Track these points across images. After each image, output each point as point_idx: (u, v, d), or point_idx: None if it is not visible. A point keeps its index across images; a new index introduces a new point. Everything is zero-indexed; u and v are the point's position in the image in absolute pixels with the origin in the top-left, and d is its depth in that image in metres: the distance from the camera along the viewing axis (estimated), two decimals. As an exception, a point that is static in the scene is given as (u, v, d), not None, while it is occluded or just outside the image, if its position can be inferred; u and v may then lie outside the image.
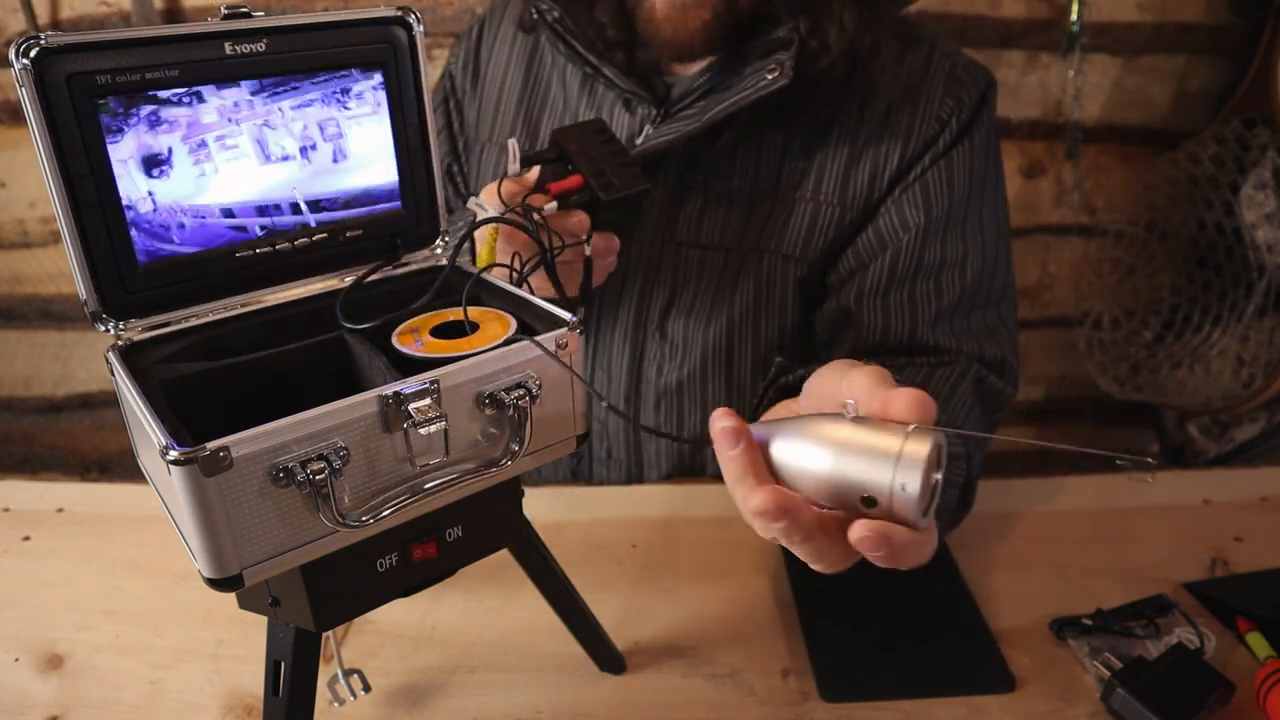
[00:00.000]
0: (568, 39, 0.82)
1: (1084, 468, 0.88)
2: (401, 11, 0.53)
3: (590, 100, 0.88)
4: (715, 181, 0.84)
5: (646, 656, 0.68)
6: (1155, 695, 0.60)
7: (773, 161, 0.83)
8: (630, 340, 0.89)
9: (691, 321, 0.87)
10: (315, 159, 0.52)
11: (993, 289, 0.83)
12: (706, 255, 0.85)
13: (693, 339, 0.87)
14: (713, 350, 0.88)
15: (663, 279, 0.87)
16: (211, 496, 0.40)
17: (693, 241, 0.85)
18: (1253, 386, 1.37)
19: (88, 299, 0.47)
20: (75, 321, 1.73)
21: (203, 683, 0.67)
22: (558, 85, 0.90)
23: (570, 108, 0.89)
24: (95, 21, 1.48)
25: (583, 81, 0.88)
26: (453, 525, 0.52)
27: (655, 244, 0.86)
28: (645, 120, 0.84)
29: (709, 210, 0.84)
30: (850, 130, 0.82)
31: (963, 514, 0.75)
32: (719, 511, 0.85)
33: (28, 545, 0.83)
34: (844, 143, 0.82)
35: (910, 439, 0.39)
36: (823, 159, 0.83)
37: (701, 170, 0.84)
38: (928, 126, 0.81)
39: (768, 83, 0.75)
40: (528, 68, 0.91)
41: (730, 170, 0.84)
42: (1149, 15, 1.46)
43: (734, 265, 0.85)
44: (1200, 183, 1.39)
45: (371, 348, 0.50)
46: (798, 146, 0.83)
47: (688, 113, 0.81)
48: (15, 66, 0.42)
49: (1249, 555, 0.78)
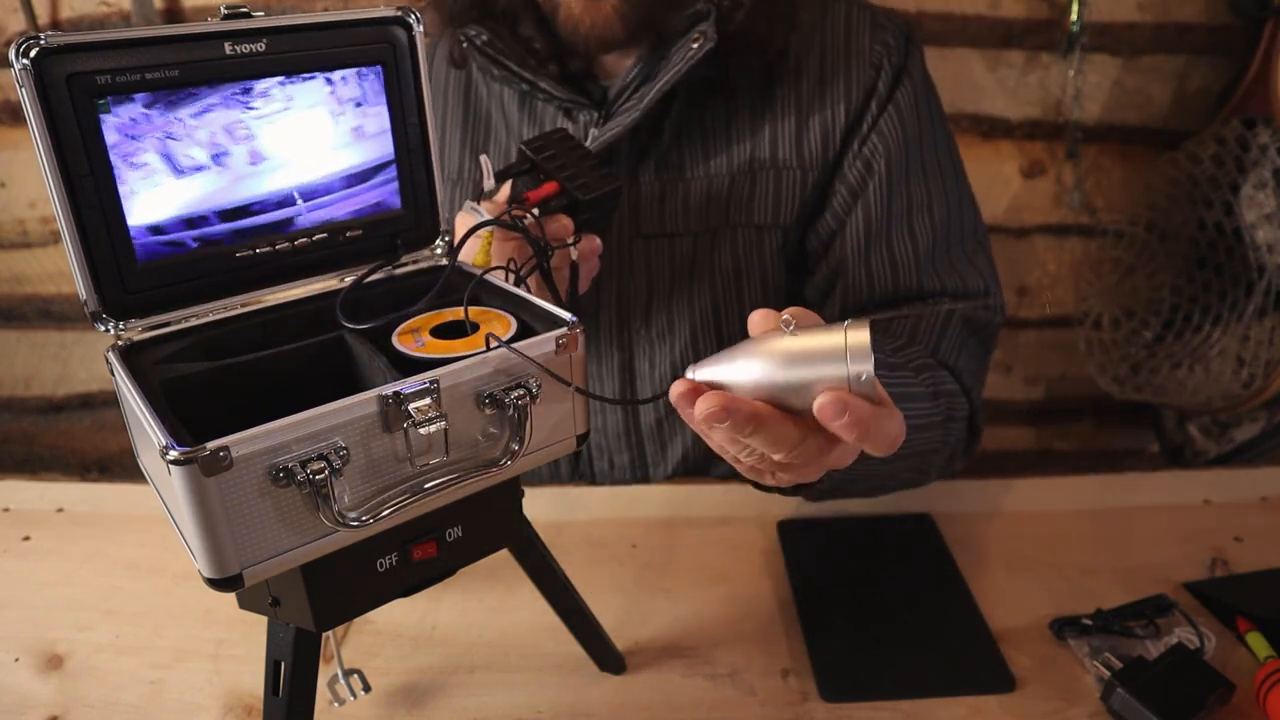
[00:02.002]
0: (500, 59, 0.82)
1: (1084, 468, 0.88)
2: (401, 11, 0.53)
3: (531, 118, 0.88)
4: (668, 169, 0.85)
5: (646, 656, 0.68)
6: (1155, 695, 0.60)
7: (720, 140, 0.85)
8: (617, 341, 0.90)
9: (674, 309, 0.88)
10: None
11: (964, 224, 0.85)
12: (676, 243, 0.86)
13: (679, 326, 0.88)
14: (701, 332, 0.89)
15: (637, 275, 0.87)
16: (211, 496, 0.40)
17: (658, 232, 0.86)
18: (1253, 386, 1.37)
19: (88, 299, 0.47)
20: (75, 321, 1.73)
21: (203, 683, 0.67)
22: (497, 114, 0.90)
23: (513, 132, 0.89)
24: (95, 21, 1.48)
25: (521, 102, 0.88)
26: (453, 525, 0.52)
27: (624, 242, 0.86)
28: (589, 124, 0.85)
29: (668, 198, 0.85)
30: (790, 95, 0.84)
31: (974, 444, 0.82)
32: (719, 511, 0.85)
33: (28, 545, 0.83)
34: (788, 108, 0.84)
35: (850, 331, 0.42)
36: (771, 128, 0.84)
37: (652, 159, 0.85)
38: (864, 74, 0.83)
39: (694, 51, 0.77)
40: (465, 106, 0.92)
41: (680, 155, 0.85)
42: (1149, 15, 1.46)
43: (705, 246, 0.86)
44: (1200, 183, 1.39)
45: (371, 348, 0.50)
46: (743, 120, 0.84)
47: (626, 105, 0.82)
48: (15, 66, 0.42)
49: (1249, 555, 0.78)
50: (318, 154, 0.52)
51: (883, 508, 0.84)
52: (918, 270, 0.83)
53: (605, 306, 0.88)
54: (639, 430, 0.94)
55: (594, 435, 0.95)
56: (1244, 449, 1.54)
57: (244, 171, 0.50)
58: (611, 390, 0.92)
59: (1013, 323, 1.67)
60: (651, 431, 0.94)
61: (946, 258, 0.84)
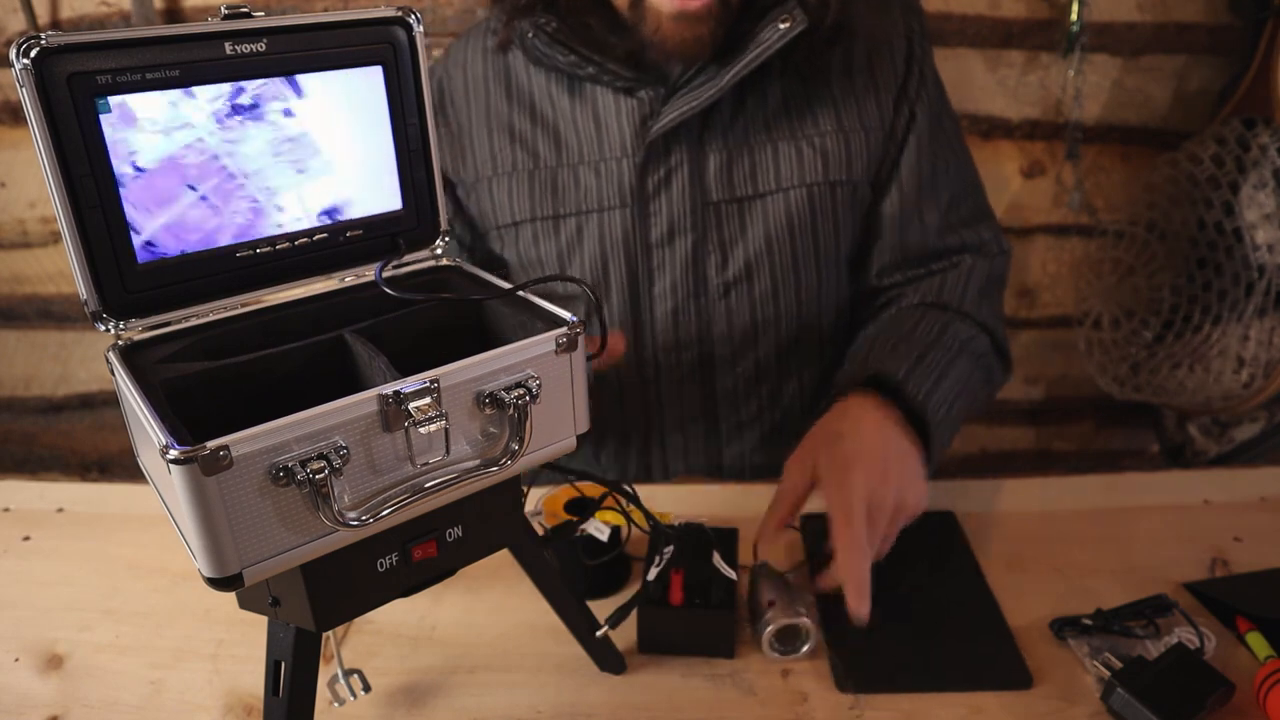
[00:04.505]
0: (569, 44, 0.85)
1: (1084, 468, 0.88)
2: (401, 11, 0.53)
3: (582, 103, 0.90)
4: (733, 137, 0.88)
5: (646, 656, 0.68)
6: (1155, 695, 0.60)
7: (778, 107, 0.89)
8: (694, 307, 0.93)
9: (753, 263, 0.92)
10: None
11: (966, 181, 0.96)
12: (745, 205, 0.90)
13: (757, 277, 0.92)
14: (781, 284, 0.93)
15: (709, 240, 0.91)
16: (211, 496, 0.40)
17: (728, 197, 0.89)
18: (1253, 386, 1.37)
19: (88, 299, 0.47)
20: (75, 321, 1.72)
21: (203, 683, 0.67)
22: (543, 100, 0.92)
23: (564, 116, 0.91)
24: (95, 21, 1.48)
25: (570, 88, 0.90)
26: (453, 525, 0.52)
27: (696, 209, 0.89)
28: (653, 101, 0.87)
29: (735, 165, 0.89)
30: (846, 65, 0.89)
31: (1008, 368, 0.95)
32: (720, 511, 0.85)
33: (28, 545, 0.83)
34: (846, 78, 0.89)
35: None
36: (833, 96, 0.89)
37: (718, 129, 0.88)
38: (900, 45, 0.91)
39: (783, 32, 0.81)
40: (507, 93, 0.93)
41: (746, 123, 0.88)
42: (1149, 15, 1.46)
43: (778, 205, 0.90)
44: (1200, 183, 1.39)
45: (371, 348, 0.50)
46: (797, 90, 0.89)
47: (698, 80, 0.85)
48: (15, 66, 0.42)
49: (1249, 555, 0.78)
50: (319, 154, 0.52)
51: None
52: (944, 230, 0.93)
53: (681, 274, 0.91)
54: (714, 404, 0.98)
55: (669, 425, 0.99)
56: (1244, 449, 1.54)
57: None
58: (692, 355, 0.95)
59: (1013, 323, 1.67)
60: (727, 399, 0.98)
61: (960, 214, 0.94)
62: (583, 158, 0.90)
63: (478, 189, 0.95)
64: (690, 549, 0.70)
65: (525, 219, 0.93)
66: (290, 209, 0.52)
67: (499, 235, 0.96)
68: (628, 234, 0.90)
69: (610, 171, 0.89)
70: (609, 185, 0.90)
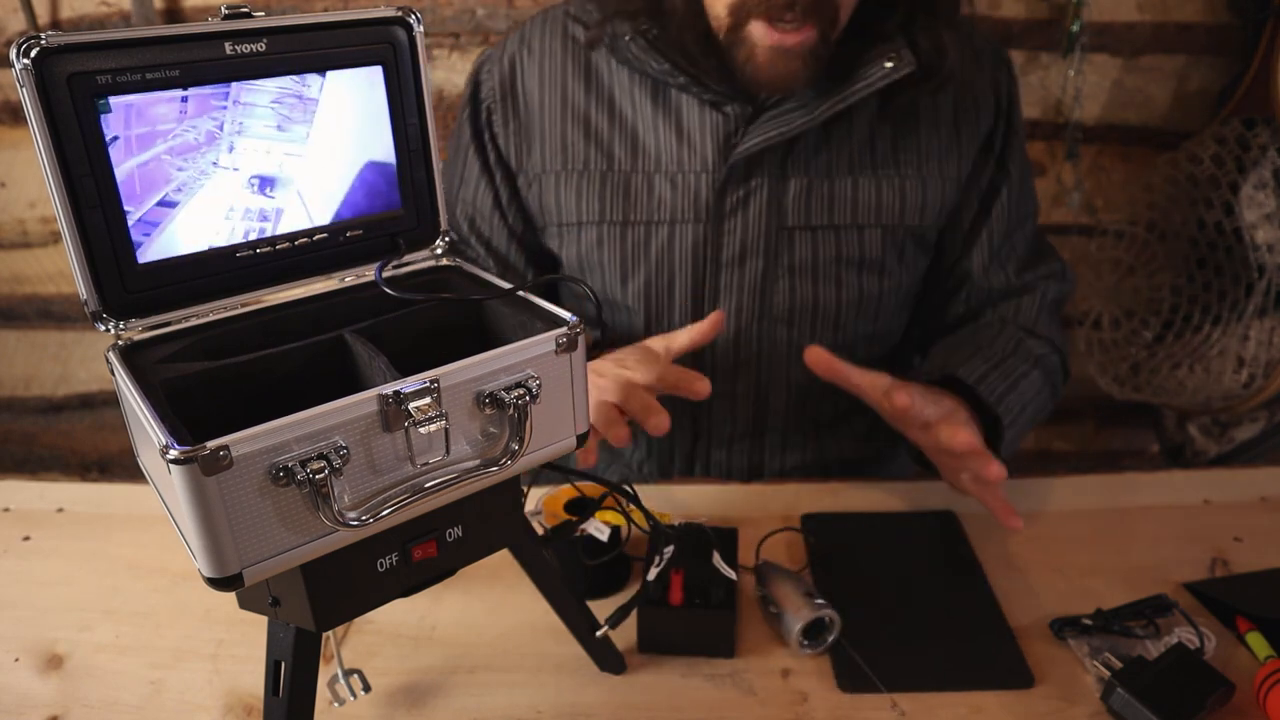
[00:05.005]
0: (667, 53, 0.84)
1: (1084, 468, 0.89)
2: (401, 11, 0.53)
3: (665, 110, 0.89)
4: (815, 168, 0.88)
5: (646, 656, 0.68)
6: (1155, 695, 0.60)
7: (863, 142, 0.89)
8: (756, 328, 0.93)
9: (819, 297, 0.92)
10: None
11: (1035, 219, 1.00)
12: (819, 235, 0.90)
13: (822, 312, 0.93)
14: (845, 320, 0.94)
15: (780, 265, 0.91)
16: (211, 496, 0.40)
17: (803, 224, 0.89)
18: (1253, 386, 1.37)
19: (88, 299, 0.47)
20: (75, 321, 1.73)
21: (203, 683, 0.67)
22: (625, 101, 0.90)
23: (644, 120, 0.89)
24: (95, 21, 1.48)
25: (654, 93, 0.89)
26: (453, 525, 0.52)
27: (770, 234, 0.89)
28: (739, 119, 0.86)
29: (814, 194, 0.89)
30: (931, 110, 0.90)
31: (1067, 376, 1.00)
32: (720, 511, 0.85)
33: (28, 545, 0.83)
34: (931, 123, 0.90)
35: None
36: (916, 141, 0.90)
37: (802, 157, 0.88)
38: (988, 99, 0.92)
39: (888, 71, 0.82)
40: (586, 86, 0.91)
41: (830, 156, 0.88)
42: (1149, 15, 1.46)
43: (851, 240, 0.90)
44: (1200, 183, 1.39)
45: (371, 348, 0.50)
46: (884, 128, 0.89)
47: (787, 105, 0.85)
48: (16, 66, 0.42)
49: (1249, 555, 0.78)
50: (318, 153, 0.52)
51: (905, 505, 0.84)
52: (1023, 269, 0.97)
53: (747, 295, 0.91)
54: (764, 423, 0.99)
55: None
56: (1244, 449, 1.54)
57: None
58: (749, 377, 0.95)
59: (1013, 323, 1.67)
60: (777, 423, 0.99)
61: (1035, 251, 0.99)
62: (660, 166, 0.89)
63: (542, 181, 0.93)
64: (690, 549, 0.70)
65: (592, 220, 0.91)
66: (290, 209, 0.52)
67: (559, 232, 0.94)
68: (698, 250, 0.90)
69: (688, 185, 0.88)
70: (685, 198, 0.88)
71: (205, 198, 0.49)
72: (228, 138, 0.49)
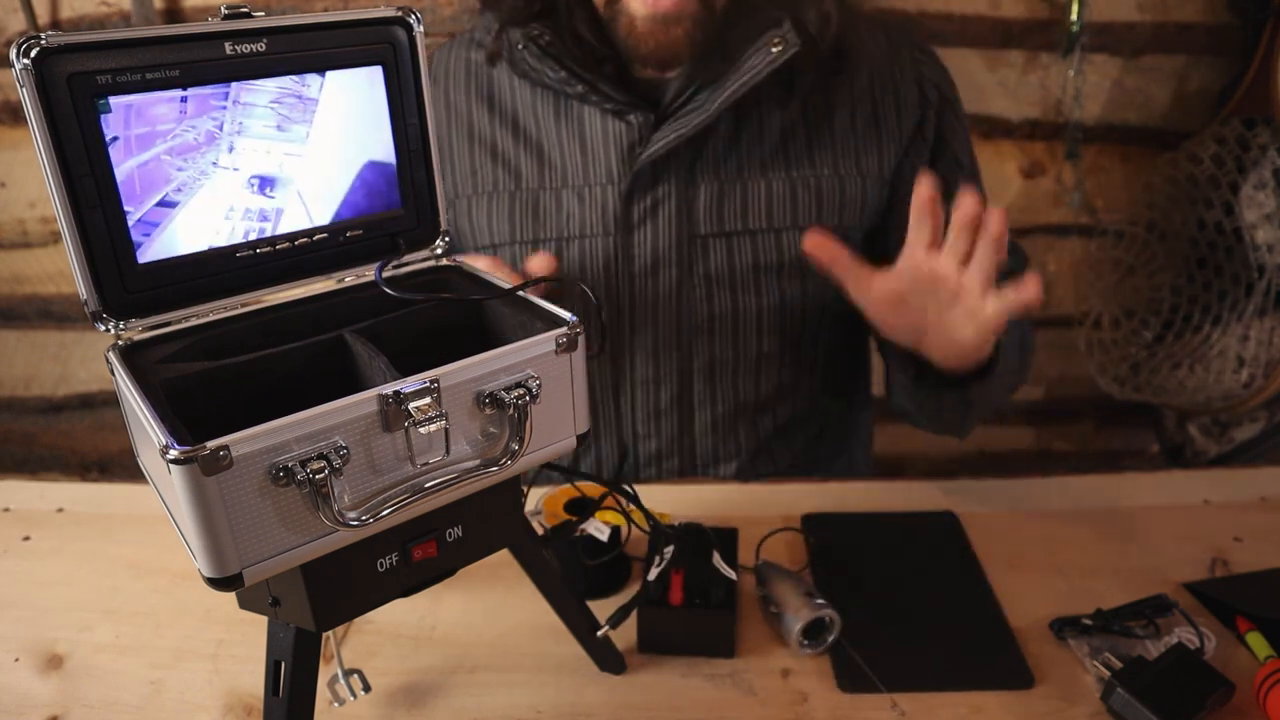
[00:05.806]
0: (562, 60, 0.83)
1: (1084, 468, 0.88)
2: (401, 11, 0.53)
3: (569, 123, 0.87)
4: (725, 171, 0.86)
5: (646, 656, 0.68)
6: (1155, 695, 0.60)
7: (775, 143, 0.86)
8: (675, 341, 0.90)
9: (738, 306, 0.89)
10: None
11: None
12: (735, 241, 0.87)
13: (743, 321, 0.90)
14: (767, 328, 0.91)
15: (695, 274, 0.88)
16: (211, 496, 0.40)
17: (717, 232, 0.87)
18: (1253, 386, 1.37)
19: (88, 299, 0.47)
20: (75, 321, 1.72)
21: (203, 683, 0.67)
22: (527, 116, 0.90)
23: (546, 133, 0.88)
24: (95, 21, 1.48)
25: (557, 107, 0.88)
26: (453, 525, 0.52)
27: (681, 242, 0.87)
28: (643, 126, 0.85)
29: (727, 199, 0.86)
30: (845, 104, 0.87)
31: (1030, 363, 0.90)
32: (721, 511, 0.85)
33: (28, 545, 0.83)
34: (844, 117, 0.87)
35: None
36: (830, 136, 0.86)
37: (709, 160, 0.86)
38: (912, 92, 0.88)
39: (775, 55, 0.79)
40: (490, 109, 0.91)
41: (739, 157, 0.86)
42: (1149, 15, 1.46)
43: (768, 245, 0.88)
44: (1200, 183, 1.39)
45: (371, 348, 0.50)
46: (796, 126, 0.86)
47: (688, 108, 0.83)
48: (16, 66, 0.42)
49: (1249, 555, 0.78)
50: (318, 153, 0.52)
51: (905, 505, 0.84)
52: None
53: (663, 306, 0.89)
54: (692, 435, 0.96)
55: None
56: (1244, 449, 1.54)
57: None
58: (670, 390, 0.92)
59: (1013, 323, 1.67)
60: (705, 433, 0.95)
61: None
62: (567, 181, 0.87)
63: (456, 206, 0.93)
64: (690, 549, 0.70)
65: (505, 241, 0.90)
66: (290, 209, 0.52)
67: (478, 254, 0.94)
68: (609, 263, 0.88)
69: (595, 198, 0.87)
70: (593, 212, 0.87)
71: (205, 198, 0.49)
72: (227, 138, 0.49)
